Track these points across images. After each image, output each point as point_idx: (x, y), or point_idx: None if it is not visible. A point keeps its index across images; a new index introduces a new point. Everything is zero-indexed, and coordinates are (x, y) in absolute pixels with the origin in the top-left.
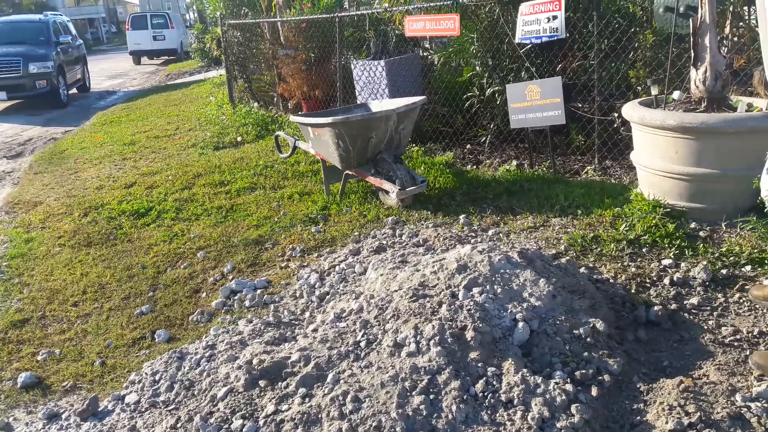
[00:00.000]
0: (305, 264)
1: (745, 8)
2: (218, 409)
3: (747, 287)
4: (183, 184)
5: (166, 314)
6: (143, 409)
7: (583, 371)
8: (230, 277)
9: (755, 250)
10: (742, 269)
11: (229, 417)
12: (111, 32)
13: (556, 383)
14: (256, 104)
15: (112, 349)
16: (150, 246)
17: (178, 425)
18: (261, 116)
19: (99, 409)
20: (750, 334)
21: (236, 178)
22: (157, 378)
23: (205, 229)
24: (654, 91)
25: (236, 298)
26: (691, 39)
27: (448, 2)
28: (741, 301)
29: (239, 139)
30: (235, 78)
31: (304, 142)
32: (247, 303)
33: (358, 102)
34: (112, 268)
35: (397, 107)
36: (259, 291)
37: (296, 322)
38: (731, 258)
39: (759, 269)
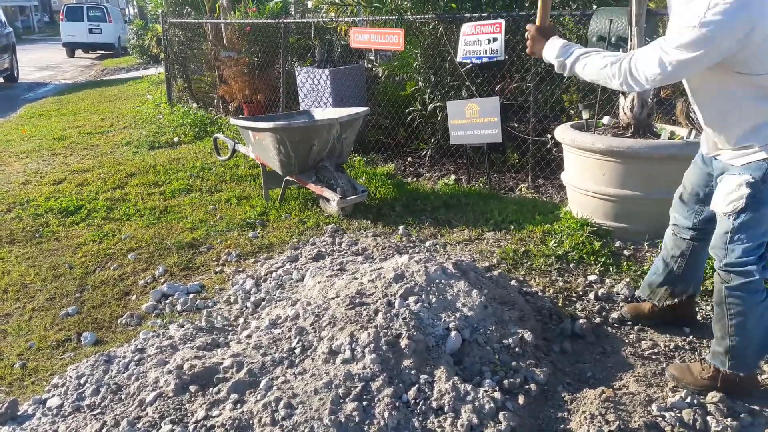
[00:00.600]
0: (241, 269)
1: None
2: (146, 413)
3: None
4: (115, 183)
5: (93, 316)
6: (66, 414)
7: (511, 380)
8: (162, 281)
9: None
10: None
11: (157, 422)
12: (43, 21)
13: (485, 391)
14: (195, 105)
15: (35, 351)
16: (78, 245)
17: (104, 430)
18: (200, 117)
19: (18, 413)
20: (667, 348)
21: (171, 179)
22: (82, 381)
23: (137, 230)
24: (585, 115)
25: (168, 301)
26: None
27: (394, 17)
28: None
29: (176, 139)
30: (175, 77)
31: (244, 146)
32: (179, 307)
33: (301, 109)
34: (36, 266)
35: (340, 116)
36: (191, 295)
37: (230, 328)
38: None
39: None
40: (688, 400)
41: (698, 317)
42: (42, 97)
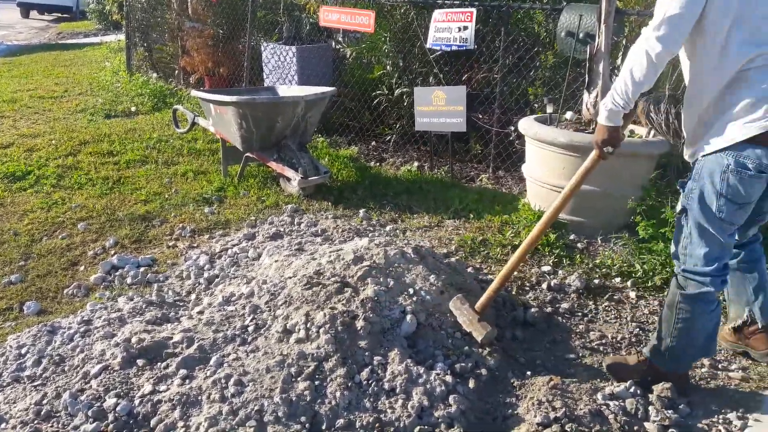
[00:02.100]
0: (195, 245)
1: None
2: (90, 386)
3: (615, 297)
4: (67, 150)
5: (38, 285)
6: (5, 384)
7: (463, 364)
8: (112, 252)
9: (624, 264)
10: (613, 280)
11: (102, 395)
12: None
13: (437, 374)
14: (155, 75)
15: None
16: (25, 212)
17: (44, 402)
18: (159, 87)
19: None
20: (614, 340)
21: (127, 150)
22: (23, 352)
23: (89, 200)
24: (549, 109)
25: (117, 274)
26: (587, 64)
27: None
28: (609, 309)
29: (133, 109)
30: (135, 45)
31: (204, 119)
32: (129, 280)
33: (266, 85)
34: None
35: (306, 95)
36: (142, 269)
37: (181, 303)
38: (603, 270)
39: (626, 281)
40: (631, 390)
41: (623, 305)
42: None
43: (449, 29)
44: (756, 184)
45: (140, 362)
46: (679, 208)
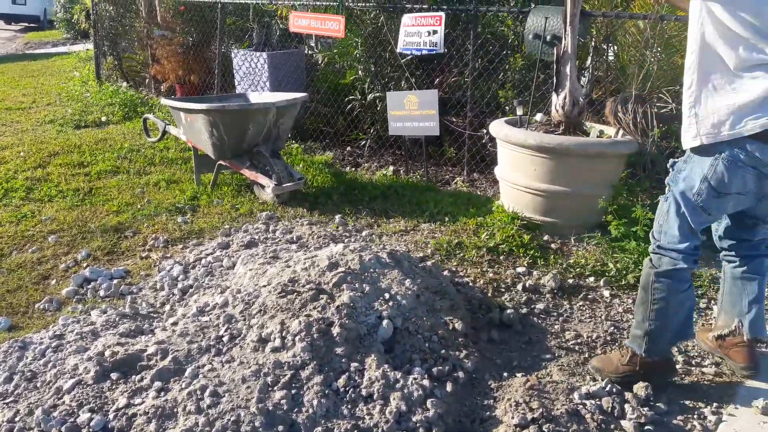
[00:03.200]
0: (168, 255)
1: (604, 46)
2: (63, 402)
3: (589, 296)
4: (36, 162)
5: (8, 300)
6: None
7: (440, 368)
8: (84, 265)
9: (598, 263)
10: (587, 280)
11: (75, 410)
12: None
13: (415, 379)
14: (125, 84)
15: None
16: None
17: (16, 419)
18: (130, 97)
19: None
20: (589, 339)
21: (98, 160)
22: None
23: (59, 212)
24: (519, 111)
25: (90, 287)
26: (555, 66)
27: (334, 3)
28: (584, 308)
29: (104, 119)
30: (104, 54)
31: (175, 128)
32: (101, 293)
33: (237, 92)
34: None
35: (277, 101)
36: (115, 281)
37: (155, 315)
38: (577, 269)
39: (600, 280)
40: (607, 388)
41: (598, 304)
42: None
43: (419, 33)
44: (742, 176)
45: (114, 376)
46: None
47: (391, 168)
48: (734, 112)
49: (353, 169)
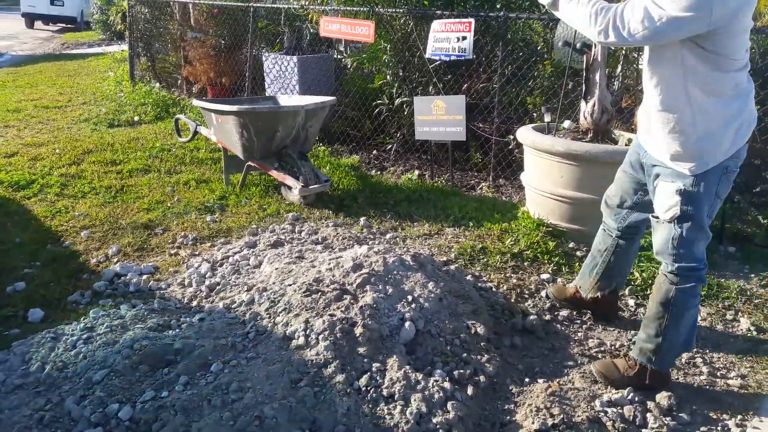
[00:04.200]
0: (197, 253)
1: (635, 54)
2: (93, 392)
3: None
4: (71, 160)
5: (41, 293)
6: (9, 390)
7: (461, 371)
8: (115, 260)
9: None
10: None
11: (105, 400)
12: None
13: (436, 381)
14: (158, 84)
15: None
16: (29, 220)
17: (47, 407)
18: (162, 97)
19: None
20: (613, 347)
21: (129, 159)
22: (26, 358)
23: (92, 208)
24: (547, 118)
25: (120, 281)
26: (584, 74)
27: (365, 9)
28: (625, 319)
29: (136, 118)
30: (138, 55)
31: (206, 129)
32: (131, 288)
33: (267, 95)
34: None
35: (306, 104)
36: (145, 276)
37: (183, 311)
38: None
39: (625, 289)
40: (629, 397)
41: (622, 313)
42: None
43: (448, 39)
44: (730, 181)
45: (142, 368)
46: (671, 213)
47: (417, 172)
48: (736, 131)
49: (379, 172)
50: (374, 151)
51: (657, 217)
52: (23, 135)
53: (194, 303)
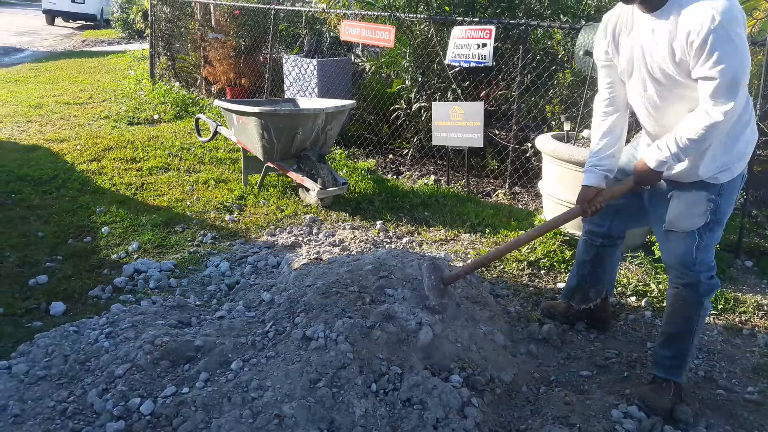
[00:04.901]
0: (215, 251)
1: None
2: (115, 386)
3: (630, 316)
4: (92, 156)
5: (63, 287)
6: (33, 381)
7: (478, 377)
8: (135, 256)
9: (640, 283)
10: (628, 299)
11: (126, 394)
12: None
13: (453, 386)
14: (177, 83)
15: (1, 317)
16: (51, 215)
17: (70, 398)
18: (182, 96)
19: None
20: (629, 358)
21: (149, 156)
22: (49, 351)
23: (112, 205)
24: (567, 126)
25: (140, 278)
26: None
27: (386, 14)
28: (624, 327)
29: (156, 116)
30: (159, 54)
31: (226, 129)
32: (151, 284)
33: (286, 97)
34: (5, 233)
35: (326, 107)
36: (164, 273)
37: (203, 308)
38: (619, 288)
39: (641, 301)
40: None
41: (615, 320)
42: (19, 63)
43: (468, 46)
44: None
45: (164, 364)
46: (699, 222)
47: (433, 177)
48: (750, 135)
49: (395, 176)
50: (390, 156)
51: (673, 230)
52: (45, 131)
53: (214, 301)
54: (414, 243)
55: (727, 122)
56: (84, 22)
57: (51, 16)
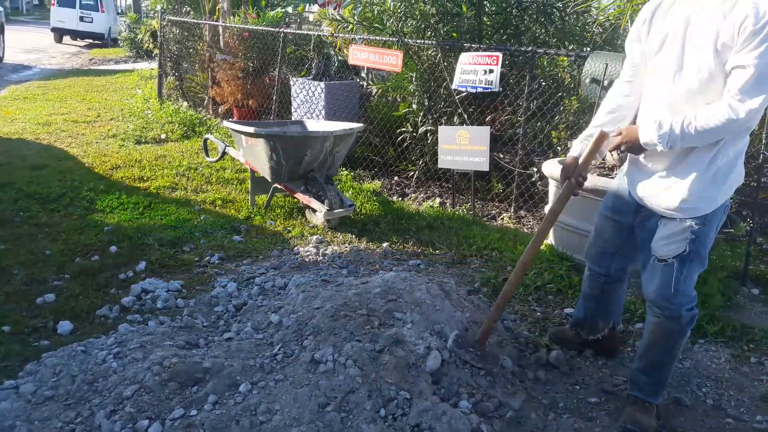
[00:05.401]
0: (223, 272)
1: None
2: (123, 407)
3: (638, 342)
4: (100, 175)
5: (70, 305)
6: (40, 401)
7: (487, 404)
8: (143, 276)
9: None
10: (635, 325)
11: (134, 416)
12: (33, 4)
13: (462, 412)
14: (185, 103)
15: (8, 335)
16: (58, 233)
17: (77, 419)
18: (189, 116)
19: None
20: None
21: (157, 176)
22: (57, 370)
23: (120, 224)
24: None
25: (148, 297)
26: None
27: (394, 39)
28: (632, 354)
29: (163, 136)
30: (167, 74)
31: (234, 150)
32: (159, 304)
33: (293, 119)
34: (13, 250)
35: (335, 130)
36: (172, 293)
37: (210, 329)
38: (626, 315)
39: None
40: None
41: (622, 347)
42: (27, 80)
43: (475, 71)
44: None
45: (172, 385)
46: (677, 250)
47: (438, 200)
48: (742, 165)
49: (400, 198)
50: (396, 178)
51: (663, 260)
52: (53, 148)
53: (221, 322)
54: (421, 265)
55: (745, 122)
56: (92, 41)
57: (59, 34)
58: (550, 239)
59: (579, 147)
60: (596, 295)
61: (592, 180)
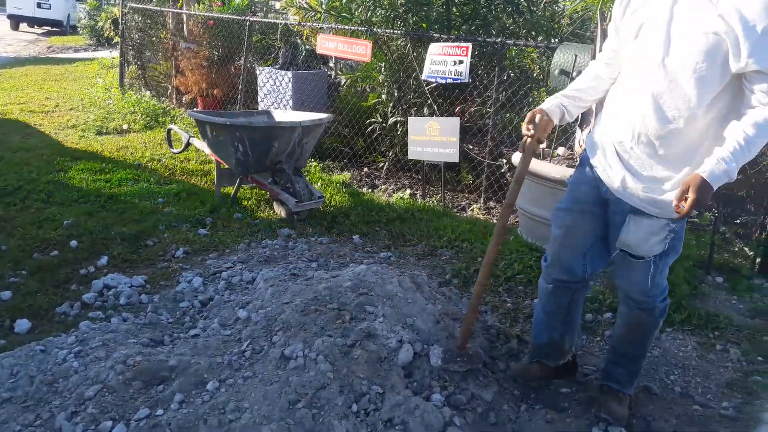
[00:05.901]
0: (188, 266)
1: None
2: (85, 408)
3: (608, 332)
4: (58, 166)
5: (28, 303)
6: None
7: (459, 396)
8: (104, 271)
9: (616, 299)
10: (604, 315)
11: (97, 417)
12: None
13: (435, 405)
14: (148, 93)
15: None
16: (15, 228)
17: (37, 422)
18: (152, 106)
19: None
20: None
21: (118, 168)
22: (14, 371)
23: (80, 217)
24: (542, 144)
25: (110, 293)
26: None
27: (363, 29)
28: (602, 343)
29: (125, 126)
30: (129, 62)
31: (199, 140)
32: (122, 300)
33: (260, 109)
34: None
35: (303, 120)
36: (135, 289)
37: (176, 326)
38: (595, 304)
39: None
40: (624, 426)
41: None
42: None
43: (445, 62)
44: None
45: (136, 385)
46: (658, 249)
47: (408, 191)
48: None
49: (370, 190)
50: (366, 169)
51: (641, 257)
52: (9, 139)
53: (187, 318)
54: (392, 258)
55: None
56: (50, 28)
57: (15, 21)
58: (519, 230)
59: (551, 103)
60: (563, 311)
61: (562, 171)
